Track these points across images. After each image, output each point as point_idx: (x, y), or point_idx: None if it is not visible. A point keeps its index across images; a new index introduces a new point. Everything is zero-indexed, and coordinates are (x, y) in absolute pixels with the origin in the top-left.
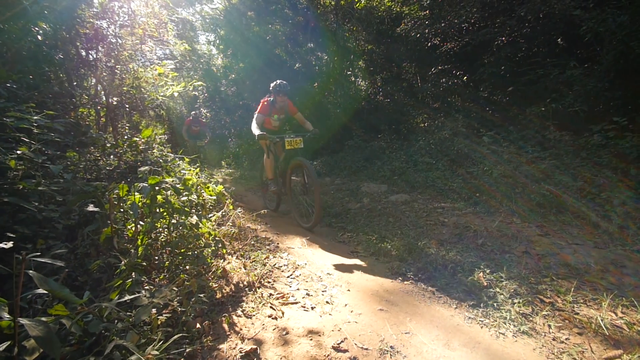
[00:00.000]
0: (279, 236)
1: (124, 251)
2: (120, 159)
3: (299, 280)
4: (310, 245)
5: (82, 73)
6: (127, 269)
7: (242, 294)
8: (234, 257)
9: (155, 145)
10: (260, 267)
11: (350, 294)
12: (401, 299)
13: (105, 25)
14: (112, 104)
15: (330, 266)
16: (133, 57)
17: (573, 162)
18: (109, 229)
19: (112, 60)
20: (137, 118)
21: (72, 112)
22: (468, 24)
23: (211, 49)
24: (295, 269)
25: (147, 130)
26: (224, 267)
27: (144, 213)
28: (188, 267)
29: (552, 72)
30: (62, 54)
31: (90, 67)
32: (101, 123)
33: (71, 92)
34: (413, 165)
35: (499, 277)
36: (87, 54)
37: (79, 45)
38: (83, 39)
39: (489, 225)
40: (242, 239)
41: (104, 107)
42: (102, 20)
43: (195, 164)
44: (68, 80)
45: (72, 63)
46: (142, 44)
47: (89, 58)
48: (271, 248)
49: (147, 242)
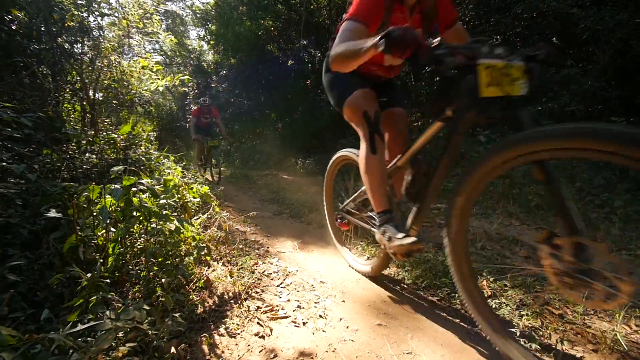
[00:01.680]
0: (269, 239)
1: (91, 262)
2: (100, 157)
3: (289, 290)
4: (303, 248)
5: (64, 66)
6: (89, 286)
7: (226, 307)
8: (219, 263)
9: (142, 142)
10: (248, 274)
11: (345, 306)
12: (401, 312)
13: (86, 14)
14: (92, 99)
15: (324, 273)
16: (116, 49)
17: (570, 162)
18: (74, 237)
19: (93, 53)
20: (125, 114)
21: (50, 107)
22: (462, 23)
23: (202, 45)
24: (286, 276)
25: (126, 125)
26: (207, 277)
27: (117, 218)
28: (165, 280)
29: (548, 71)
30: (37, 45)
31: (68, 59)
32: (87, 119)
33: (45, 85)
34: None
35: (503, 285)
36: (71, 47)
37: (54, 32)
38: (59, 27)
39: (487, 228)
40: (230, 242)
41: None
42: (83, 9)
43: (182, 162)
44: (43, 72)
45: (50, 54)
46: (128, 37)
47: (73, 50)
48: (261, 253)
49: (120, 251)
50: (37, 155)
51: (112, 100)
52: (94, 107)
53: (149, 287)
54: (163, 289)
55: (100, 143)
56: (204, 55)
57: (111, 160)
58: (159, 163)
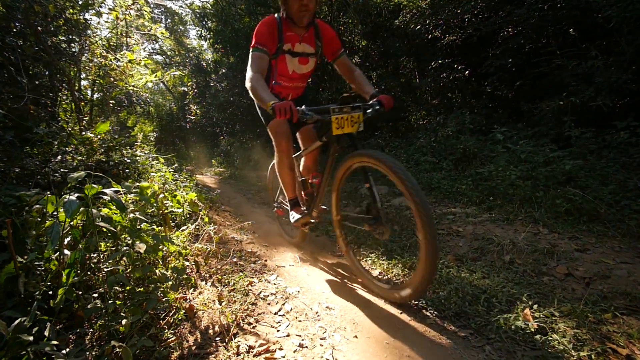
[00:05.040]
0: (267, 249)
1: (33, 296)
2: (81, 160)
3: (289, 319)
4: (304, 262)
5: (44, 59)
6: (10, 344)
7: (210, 348)
8: (208, 283)
9: (137, 142)
10: (241, 298)
11: (358, 344)
12: (428, 352)
13: (69, 3)
14: (76, 96)
15: (329, 294)
16: (103, 42)
17: (599, 162)
18: (11, 265)
19: (77, 46)
20: (124, 115)
21: (26, 104)
22: (471, 15)
23: (202, 44)
24: (286, 299)
25: (104, 124)
26: (189, 304)
27: (75, 238)
28: (126, 321)
29: (570, 64)
30: (15, 38)
31: (51, 52)
32: (73, 119)
33: (18, 80)
34: (415, 165)
35: (550, 314)
36: (45, 38)
37: (35, 23)
38: (40, 19)
39: (514, 237)
40: (223, 255)
41: (74, 99)
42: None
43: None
44: (17, 68)
45: (29, 47)
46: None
47: (55, 43)
48: (257, 267)
49: (77, 280)
50: (4, 158)
51: (97, 98)
52: (78, 105)
53: (111, 326)
54: (121, 335)
55: (75, 143)
56: (203, 54)
57: (91, 163)
58: (145, 165)
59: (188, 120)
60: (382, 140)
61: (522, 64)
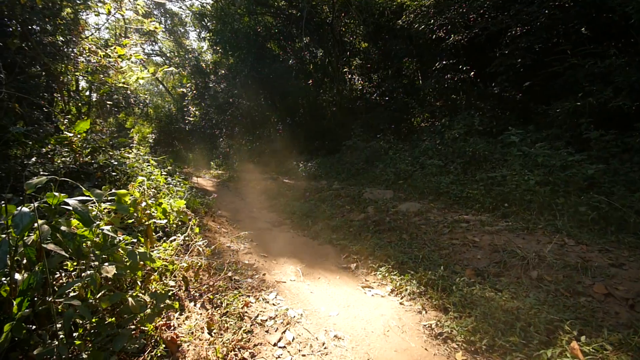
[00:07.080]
0: (266, 260)
1: None
2: (70, 161)
3: (291, 354)
4: (307, 274)
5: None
6: None
7: None
8: (197, 304)
9: (134, 144)
10: (235, 324)
11: None
12: None
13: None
14: (64, 93)
15: (337, 318)
16: (93, 34)
17: (622, 166)
18: None
19: (64, 38)
20: (122, 116)
21: (16, 104)
22: (477, 14)
23: (202, 46)
24: (287, 325)
25: (84, 122)
26: (172, 336)
27: (29, 258)
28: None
29: (585, 63)
30: None
31: (37, 45)
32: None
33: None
34: (420, 168)
35: (600, 345)
36: (24, 29)
37: (18, 14)
38: (27, 10)
39: (539, 249)
40: (216, 269)
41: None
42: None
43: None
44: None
45: (15, 44)
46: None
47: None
48: (254, 283)
49: (26, 313)
50: None
51: (94, 100)
52: (66, 103)
53: None
54: None
55: (53, 143)
56: (202, 55)
57: (74, 166)
58: (134, 168)
59: (187, 121)
60: (385, 143)
61: (532, 64)
